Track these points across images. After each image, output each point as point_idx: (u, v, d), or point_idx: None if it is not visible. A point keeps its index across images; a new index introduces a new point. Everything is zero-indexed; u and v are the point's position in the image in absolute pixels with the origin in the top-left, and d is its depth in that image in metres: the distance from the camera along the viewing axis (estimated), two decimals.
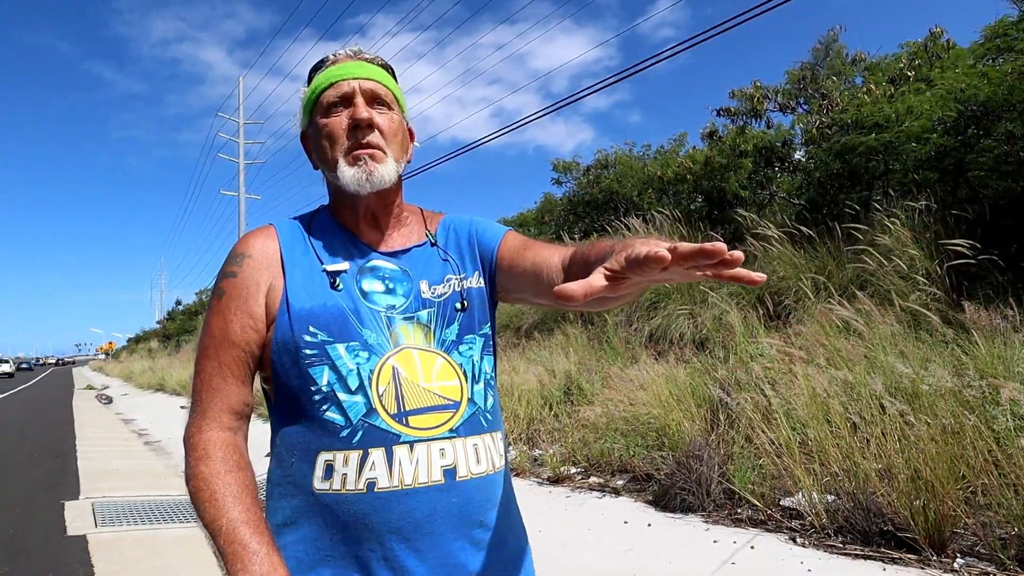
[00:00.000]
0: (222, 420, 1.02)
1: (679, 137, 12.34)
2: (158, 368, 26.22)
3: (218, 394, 1.03)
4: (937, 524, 2.95)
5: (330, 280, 1.06)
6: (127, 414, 14.47)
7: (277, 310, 1.03)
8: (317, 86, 1.11)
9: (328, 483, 0.98)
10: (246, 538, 0.92)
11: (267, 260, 1.07)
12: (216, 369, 1.03)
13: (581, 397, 6.18)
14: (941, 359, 3.86)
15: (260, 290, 1.05)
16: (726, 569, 3.19)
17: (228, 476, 0.97)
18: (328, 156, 1.09)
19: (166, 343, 38.06)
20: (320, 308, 1.02)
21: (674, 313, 6.90)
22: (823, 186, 6.88)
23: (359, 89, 1.09)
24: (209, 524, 0.94)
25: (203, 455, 0.99)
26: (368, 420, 0.98)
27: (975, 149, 5.12)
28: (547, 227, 13.20)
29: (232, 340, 1.03)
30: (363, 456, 0.97)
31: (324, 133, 1.09)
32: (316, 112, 1.11)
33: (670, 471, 4.23)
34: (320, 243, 1.11)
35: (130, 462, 7.79)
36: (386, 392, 1.00)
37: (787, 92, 8.57)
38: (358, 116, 1.07)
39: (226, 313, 1.04)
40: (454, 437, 1.02)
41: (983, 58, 5.84)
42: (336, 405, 0.99)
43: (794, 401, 3.93)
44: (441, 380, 1.05)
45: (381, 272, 1.10)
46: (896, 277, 5.02)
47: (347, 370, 1.00)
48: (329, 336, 1.01)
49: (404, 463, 0.98)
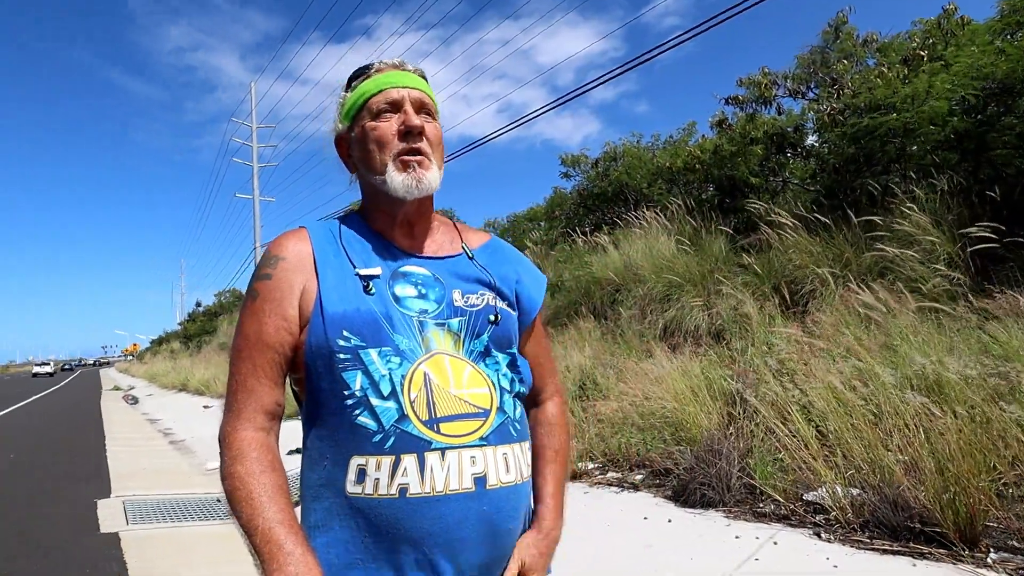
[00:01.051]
0: (256, 420, 1.04)
1: (688, 127, 12.24)
2: (180, 368, 26.72)
3: (253, 395, 1.04)
4: (968, 518, 2.86)
5: (363, 284, 1.06)
6: (152, 414, 14.77)
7: (311, 313, 1.04)
8: (366, 91, 1.13)
9: (361, 487, 0.99)
10: (281, 538, 0.93)
11: (300, 262, 1.08)
12: (251, 371, 1.04)
13: (596, 392, 6.12)
14: (967, 346, 3.75)
15: (294, 292, 1.06)
16: (749, 565, 3.12)
17: (263, 476, 0.98)
18: (375, 160, 1.11)
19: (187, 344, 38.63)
20: (353, 312, 1.03)
21: (688, 305, 6.82)
22: (838, 171, 6.74)
23: (408, 97, 1.12)
24: (245, 523, 0.95)
25: (238, 455, 1.00)
26: (400, 426, 0.99)
27: (996, 127, 4.97)
28: (557, 221, 13.15)
29: (266, 342, 1.04)
30: (395, 462, 0.98)
31: (373, 137, 1.11)
32: (363, 116, 1.13)
33: (689, 466, 4.17)
34: (352, 246, 1.12)
35: (157, 461, 7.98)
36: (418, 398, 1.01)
37: (797, 77, 8.42)
38: (411, 123, 1.10)
39: (260, 315, 1.06)
40: (484, 445, 1.03)
41: (1000, 34, 5.67)
42: (368, 410, 1.00)
43: (813, 393, 3.84)
44: (471, 387, 1.06)
45: (414, 277, 1.11)
46: (916, 263, 4.89)
47: (379, 375, 1.01)
48: (362, 341, 1.02)
49: (436, 470, 0.99)
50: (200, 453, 8.39)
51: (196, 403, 16.25)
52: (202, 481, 6.46)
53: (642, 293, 7.64)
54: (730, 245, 7.61)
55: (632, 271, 8.10)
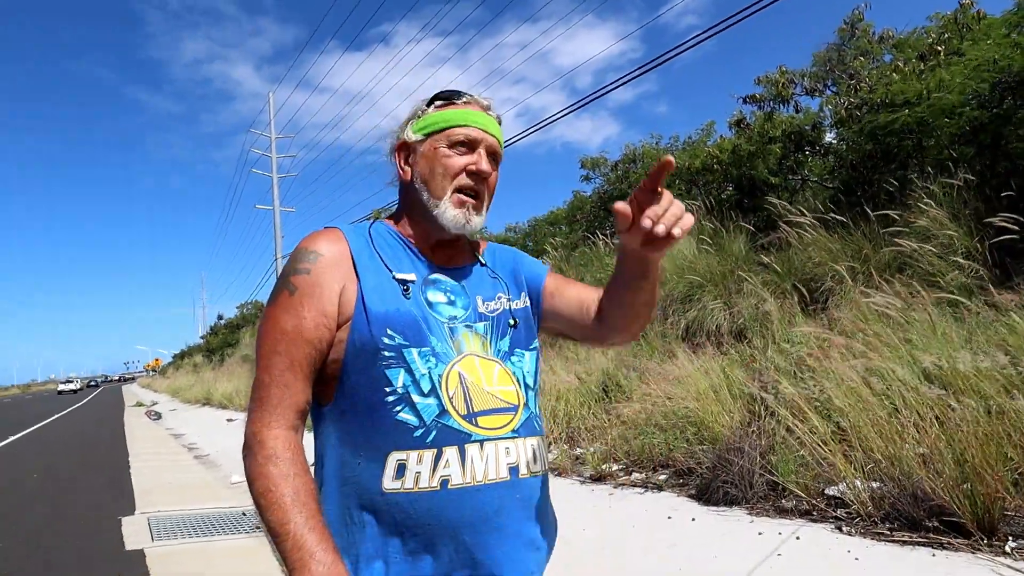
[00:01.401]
0: (289, 418, 1.04)
1: (707, 127, 12.22)
2: (204, 382, 26.62)
3: (288, 391, 1.04)
4: (986, 507, 2.90)
5: (402, 287, 1.10)
6: (176, 429, 14.73)
7: (353, 311, 1.06)
8: (452, 119, 1.16)
9: (400, 482, 1.01)
10: (312, 546, 0.94)
11: (338, 261, 1.09)
12: (288, 365, 1.04)
13: (620, 394, 6.20)
14: (985, 338, 3.78)
15: (333, 289, 1.07)
16: (772, 560, 3.19)
17: (296, 480, 0.99)
18: (437, 184, 1.15)
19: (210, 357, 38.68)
20: (395, 313, 1.07)
21: (709, 305, 6.86)
22: (856, 168, 6.74)
23: (486, 142, 1.17)
24: (275, 528, 0.96)
25: (272, 455, 1.00)
26: (441, 420, 1.03)
27: (1013, 121, 4.97)
28: (578, 225, 13.20)
29: (305, 337, 1.04)
30: (437, 455, 1.02)
31: (443, 162, 1.15)
32: (439, 138, 1.16)
33: (711, 464, 4.23)
34: (384, 252, 1.15)
35: (181, 476, 7.96)
36: (456, 394, 1.06)
37: (814, 75, 8.42)
38: (482, 167, 1.15)
39: (299, 309, 1.05)
40: (516, 437, 1.10)
41: (1016, 27, 5.65)
42: (410, 406, 1.03)
43: (833, 389, 3.89)
44: (501, 385, 1.12)
45: (443, 285, 1.17)
46: (935, 257, 4.91)
47: (420, 374, 1.05)
48: (405, 340, 1.05)
49: (476, 460, 1.04)
50: (225, 467, 8.40)
51: (220, 417, 16.16)
52: (227, 495, 6.44)
53: (664, 294, 7.70)
54: (750, 244, 7.63)
55: None
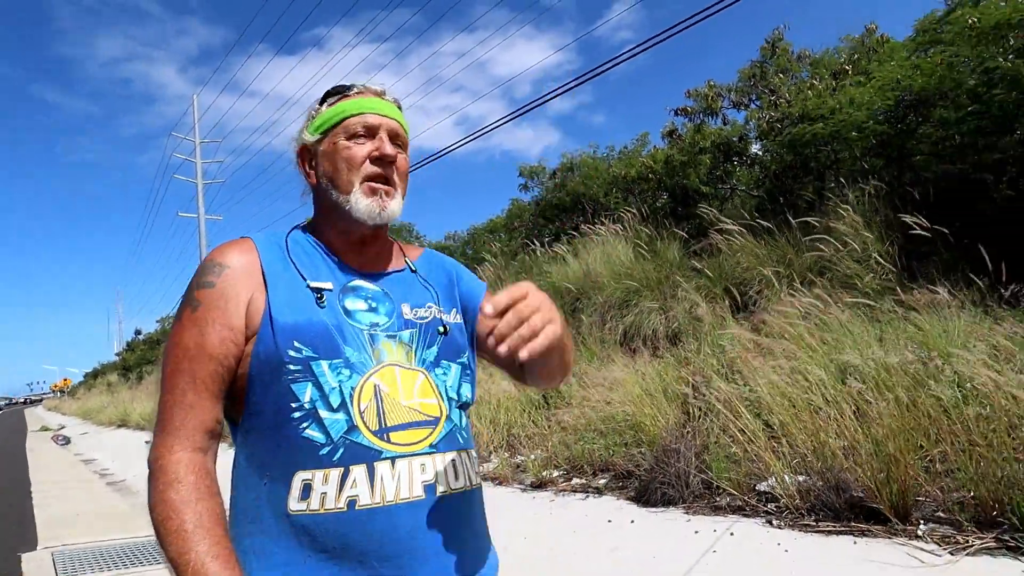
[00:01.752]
0: (195, 440, 0.97)
1: (641, 137, 12.58)
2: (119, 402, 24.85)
3: (192, 411, 0.98)
4: (901, 494, 3.10)
5: (315, 296, 1.05)
6: (87, 454, 13.80)
7: (259, 324, 1.01)
8: (344, 110, 1.13)
9: (305, 503, 0.96)
10: (215, 574, 0.88)
11: (247, 272, 1.05)
12: (190, 384, 0.98)
13: (559, 400, 6.27)
14: (895, 336, 4.05)
15: (240, 302, 1.02)
16: (708, 557, 3.29)
17: (199, 504, 0.93)
18: (343, 179, 1.11)
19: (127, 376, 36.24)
20: (305, 323, 1.01)
21: (646, 309, 7.05)
22: (778, 178, 7.11)
23: (385, 126, 1.13)
24: (175, 558, 0.89)
25: (173, 479, 0.93)
26: (349, 437, 0.97)
27: (915, 135, 5.38)
28: (517, 233, 13.30)
29: (210, 353, 0.99)
30: (344, 474, 0.96)
31: (344, 156, 1.11)
32: (336, 133, 1.12)
33: (649, 467, 4.33)
34: (301, 260, 1.10)
35: (92, 505, 7.42)
36: (368, 409, 1.00)
37: (740, 90, 8.83)
38: (385, 151, 1.11)
39: (203, 325, 1.00)
40: (434, 452, 1.03)
41: (916, 51, 6.12)
42: (317, 422, 0.97)
43: (761, 388, 4.08)
44: (421, 397, 1.06)
45: (364, 292, 1.11)
46: (851, 261, 5.23)
47: (330, 388, 0.99)
48: (314, 352, 1.00)
49: (386, 479, 0.97)
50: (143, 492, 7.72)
51: (137, 439, 15.09)
52: (144, 523, 5.85)
53: (602, 300, 7.84)
54: (684, 250, 7.89)
55: (591, 279, 8.30)
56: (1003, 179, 4.56)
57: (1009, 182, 4.52)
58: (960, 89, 4.93)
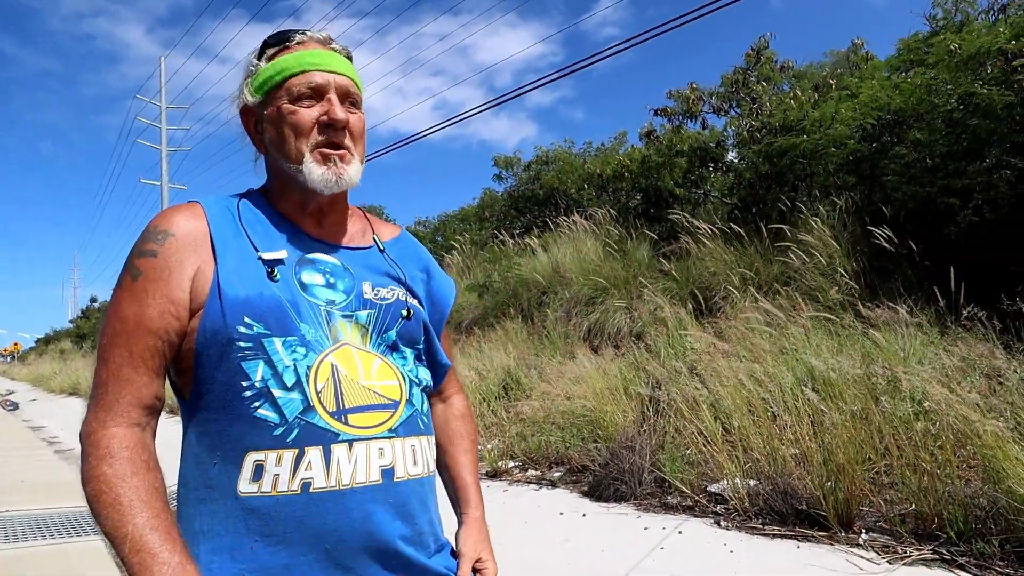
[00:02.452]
0: (131, 415, 0.92)
1: (619, 136, 12.66)
2: (72, 370, 24.11)
3: (128, 386, 0.92)
4: (846, 503, 3.17)
5: (267, 269, 0.98)
6: (36, 421, 13.45)
7: (206, 297, 0.94)
8: (286, 68, 1.03)
9: (257, 485, 0.91)
10: (155, 546, 0.83)
11: (194, 240, 0.97)
12: (127, 358, 0.92)
13: (519, 392, 6.26)
14: (853, 350, 4.13)
15: (184, 273, 0.95)
16: (656, 554, 3.32)
17: (134, 478, 0.88)
18: (291, 147, 1.02)
19: (80, 343, 35.46)
20: (256, 298, 0.95)
21: (611, 308, 7.08)
22: (752, 186, 7.20)
23: (334, 83, 1.04)
24: (111, 532, 0.85)
25: (106, 454, 0.88)
26: (305, 418, 0.93)
27: (888, 155, 5.50)
28: (488, 223, 13.27)
29: (148, 327, 0.93)
30: (299, 455, 0.91)
31: (289, 122, 1.02)
32: (279, 95, 1.03)
33: (604, 462, 4.35)
34: (254, 228, 1.03)
35: (38, 473, 7.23)
36: (325, 389, 0.95)
37: (721, 95, 8.90)
38: (335, 116, 1.02)
39: (142, 296, 0.94)
40: (393, 437, 0.99)
41: (897, 70, 6.25)
42: (270, 402, 0.92)
43: (720, 392, 4.12)
44: (381, 379, 1.01)
45: (322, 265, 1.04)
46: (817, 274, 5.32)
47: (283, 366, 0.94)
48: (266, 329, 0.94)
49: (343, 462, 0.93)
50: None
51: None
52: None
53: (569, 296, 7.86)
54: (653, 252, 7.95)
55: (560, 274, 8.31)
56: (969, 205, 4.69)
57: (975, 208, 4.65)
58: (936, 112, 5.04)
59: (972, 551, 2.74)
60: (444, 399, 1.28)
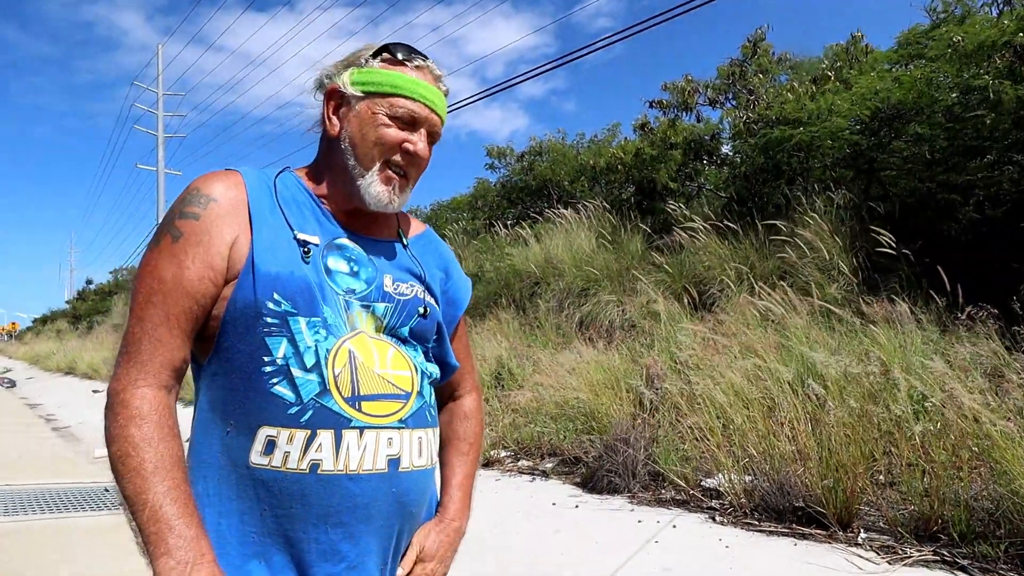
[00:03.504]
0: (161, 377, 0.93)
1: (612, 127, 12.53)
2: (68, 350, 24.46)
3: (162, 347, 0.93)
4: (845, 502, 3.13)
5: (302, 249, 1.00)
6: (33, 398, 13.66)
7: (240, 269, 0.96)
8: (401, 86, 1.05)
9: (268, 459, 0.94)
10: (172, 519, 0.86)
11: (234, 209, 0.98)
12: (163, 319, 0.93)
13: (512, 382, 6.21)
14: (850, 347, 4.09)
15: (224, 240, 0.96)
16: (649, 547, 3.28)
17: (161, 444, 0.89)
18: (366, 152, 1.05)
19: (76, 324, 35.57)
20: (288, 276, 0.96)
21: (604, 300, 7.02)
22: (748, 180, 7.15)
23: (429, 121, 1.08)
24: (131, 497, 0.86)
25: (136, 415, 0.89)
26: (320, 400, 0.95)
27: (886, 149, 5.45)
28: (481, 212, 13.17)
29: (186, 289, 0.94)
30: (310, 436, 0.94)
31: (378, 131, 1.05)
32: (380, 103, 1.05)
33: (598, 454, 4.31)
34: (289, 207, 1.04)
35: (35, 449, 7.37)
36: (341, 374, 0.97)
37: (716, 87, 8.84)
38: (419, 151, 1.07)
39: (182, 258, 0.94)
40: (402, 428, 1.02)
41: (897, 63, 6.20)
42: (288, 380, 0.94)
43: (716, 387, 4.07)
44: (395, 368, 1.03)
45: (349, 252, 1.06)
46: (814, 269, 5.28)
47: (305, 346, 0.95)
48: (293, 308, 0.96)
49: (352, 448, 0.95)
50: (87, 440, 7.83)
51: (84, 387, 15.03)
52: (89, 470, 6.01)
53: (561, 287, 7.80)
54: (646, 244, 7.90)
55: (552, 265, 8.25)
56: (970, 202, 4.64)
57: (976, 205, 4.61)
58: (936, 106, 4.99)
59: (975, 553, 2.71)
60: (455, 397, 1.30)
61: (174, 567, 0.84)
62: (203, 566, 0.86)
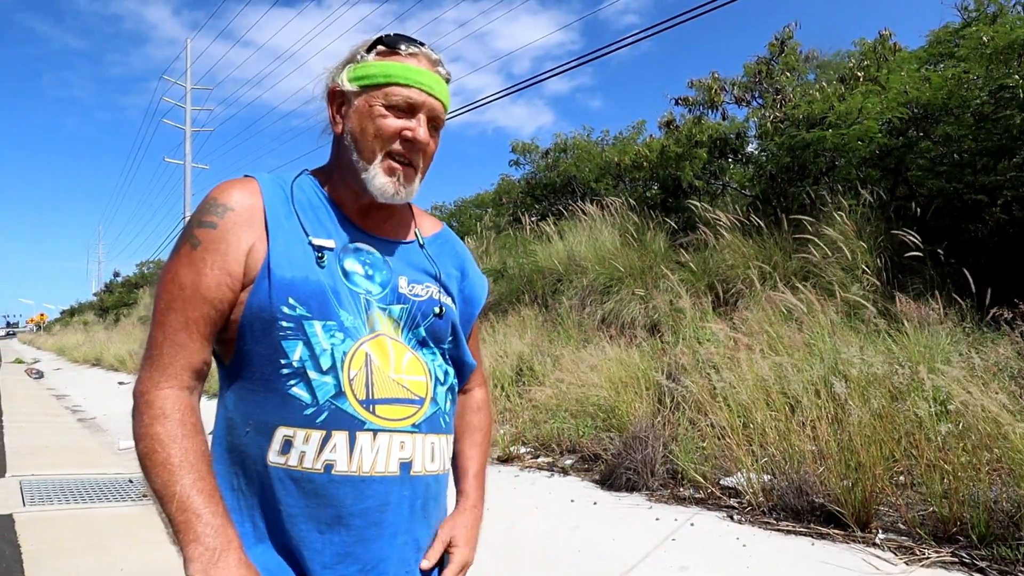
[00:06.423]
0: (183, 378, 0.97)
1: (638, 125, 12.46)
2: (95, 342, 24.91)
3: (182, 351, 0.97)
4: (864, 502, 3.13)
5: (316, 254, 1.02)
6: (60, 389, 13.83)
7: (256, 274, 0.99)
8: (393, 75, 1.05)
9: (284, 458, 0.97)
10: (200, 508, 0.90)
11: (251, 217, 1.01)
12: (182, 324, 0.97)
13: (533, 378, 6.26)
14: (874, 347, 4.06)
15: (241, 248, 0.99)
16: (667, 545, 3.31)
17: (185, 441, 0.93)
18: (367, 145, 1.06)
19: (103, 316, 36.21)
20: (302, 281, 0.99)
21: (627, 297, 7.03)
22: (773, 179, 7.09)
23: (428, 106, 1.07)
24: (160, 490, 0.91)
25: (160, 414, 0.94)
26: (335, 402, 0.98)
27: (915, 150, 5.37)
28: (505, 208, 13.21)
29: (204, 295, 0.97)
30: (325, 437, 0.97)
31: (376, 123, 1.05)
32: (376, 95, 1.05)
33: (617, 451, 4.34)
34: (305, 212, 1.06)
35: (62, 439, 7.46)
36: (357, 377, 0.99)
37: (743, 85, 8.74)
38: (419, 137, 1.06)
39: (200, 265, 0.98)
40: (415, 432, 1.04)
41: (927, 63, 6.09)
42: (305, 382, 0.97)
43: (738, 385, 4.08)
44: (410, 374, 1.05)
45: (364, 255, 1.08)
46: (838, 268, 5.24)
47: (320, 349, 0.98)
48: (308, 312, 0.98)
49: (365, 450, 0.98)
50: (112, 431, 7.96)
51: (110, 379, 15.27)
52: (113, 461, 6.11)
53: (584, 284, 7.82)
54: (670, 242, 7.88)
55: (575, 262, 8.27)
56: (997, 203, 4.57)
57: (1003, 206, 4.53)
58: (966, 106, 4.90)
59: (994, 555, 2.70)
60: (466, 391, 1.32)
61: (203, 552, 0.88)
62: (230, 552, 0.90)
